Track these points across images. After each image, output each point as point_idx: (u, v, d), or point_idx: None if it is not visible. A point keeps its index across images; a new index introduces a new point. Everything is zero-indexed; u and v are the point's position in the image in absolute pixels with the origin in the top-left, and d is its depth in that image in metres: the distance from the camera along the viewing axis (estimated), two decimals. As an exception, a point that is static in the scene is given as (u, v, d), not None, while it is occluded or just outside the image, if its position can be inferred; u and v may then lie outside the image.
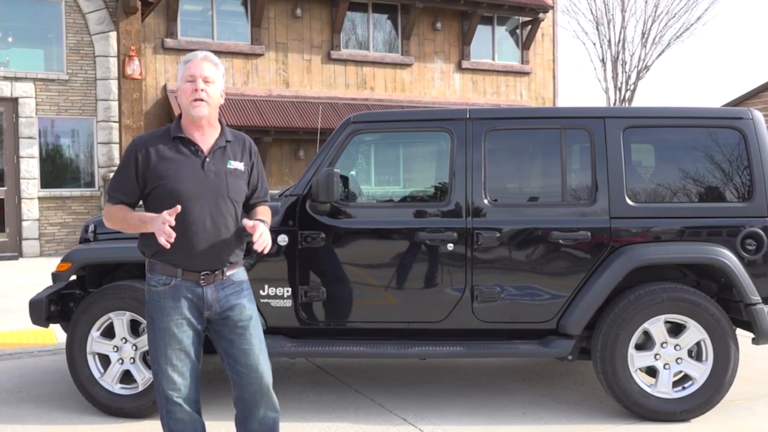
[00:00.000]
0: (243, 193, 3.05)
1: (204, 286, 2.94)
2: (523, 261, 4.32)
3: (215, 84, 2.98)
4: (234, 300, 2.98)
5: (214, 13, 15.21)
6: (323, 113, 14.90)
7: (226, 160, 3.00)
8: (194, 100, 2.91)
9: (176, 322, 2.93)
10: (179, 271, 2.92)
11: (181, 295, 2.92)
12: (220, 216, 2.93)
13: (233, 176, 2.99)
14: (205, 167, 2.94)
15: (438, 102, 16.85)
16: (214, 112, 3.00)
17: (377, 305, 4.38)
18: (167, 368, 2.95)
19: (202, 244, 2.90)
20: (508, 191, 4.60)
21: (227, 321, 2.98)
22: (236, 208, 3.00)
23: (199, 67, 2.95)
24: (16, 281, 9.68)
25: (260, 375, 3.00)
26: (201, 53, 3.02)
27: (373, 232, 4.42)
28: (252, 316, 3.02)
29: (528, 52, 18.24)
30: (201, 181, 2.92)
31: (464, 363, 5.51)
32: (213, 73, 2.97)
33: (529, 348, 4.28)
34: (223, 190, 2.95)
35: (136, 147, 2.97)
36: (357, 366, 5.43)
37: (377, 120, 4.67)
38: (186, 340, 2.95)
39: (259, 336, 3.03)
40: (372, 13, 16.64)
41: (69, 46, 12.88)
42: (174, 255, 2.90)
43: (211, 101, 2.95)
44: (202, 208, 2.90)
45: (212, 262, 2.94)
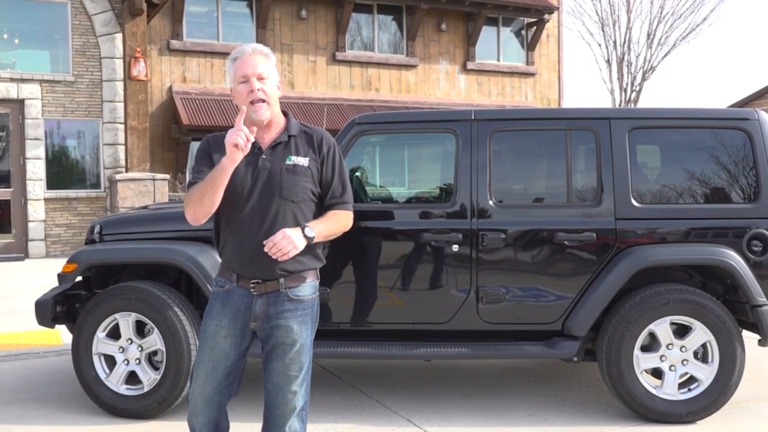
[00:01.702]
0: (305, 191, 2.74)
1: (255, 296, 2.71)
2: (528, 262, 4.31)
3: (270, 79, 2.74)
4: (284, 320, 2.72)
5: (220, 14, 15.23)
6: (328, 114, 14.91)
7: (287, 155, 2.74)
8: (252, 103, 2.69)
9: (217, 328, 2.74)
10: (234, 276, 2.74)
11: (232, 301, 2.74)
12: (271, 218, 2.68)
13: (291, 173, 2.71)
14: (259, 164, 2.71)
15: (443, 103, 16.85)
16: (275, 109, 2.77)
17: (382, 306, 4.38)
18: (196, 370, 2.79)
19: (251, 247, 2.68)
20: (514, 192, 4.59)
21: (271, 338, 2.75)
22: (294, 209, 2.71)
23: (251, 64, 2.71)
24: (22, 282, 9.71)
25: (286, 402, 2.76)
26: (249, 47, 2.77)
27: (378, 233, 4.42)
28: (297, 341, 2.73)
29: (533, 53, 18.23)
30: (252, 180, 2.70)
31: (469, 364, 5.50)
32: (266, 68, 2.74)
33: (534, 349, 4.27)
34: (275, 188, 2.70)
35: (205, 142, 2.85)
36: (362, 367, 5.43)
37: (382, 121, 4.66)
38: (219, 349, 2.74)
39: (300, 363, 2.75)
40: (377, 15, 16.65)
41: (75, 47, 12.92)
42: (230, 258, 2.76)
43: (270, 99, 2.73)
44: (253, 209, 2.70)
45: (264, 269, 2.69)
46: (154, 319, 4.21)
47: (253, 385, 4.99)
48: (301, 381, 2.77)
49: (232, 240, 2.74)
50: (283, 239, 2.59)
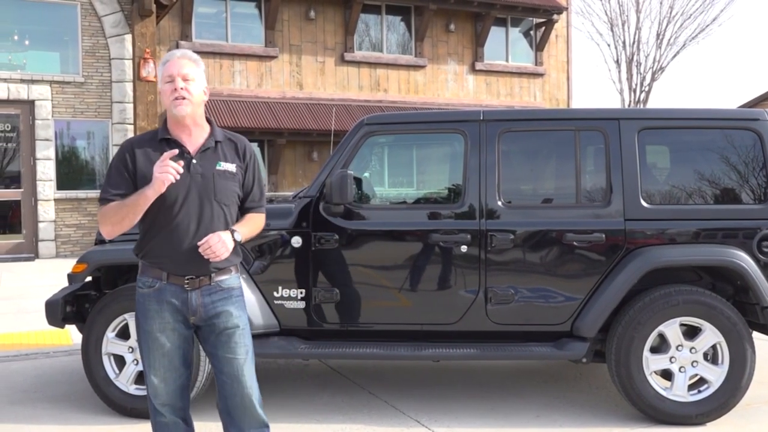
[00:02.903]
0: (233, 195, 2.93)
1: (189, 291, 2.86)
2: (537, 263, 4.30)
3: (195, 81, 2.89)
4: (221, 307, 2.89)
5: (228, 15, 15.27)
6: (337, 115, 14.93)
7: (216, 161, 2.90)
8: (175, 99, 2.84)
9: (159, 326, 2.86)
10: (164, 275, 2.86)
11: (165, 299, 2.85)
12: (206, 219, 2.84)
13: (222, 178, 2.88)
14: (192, 169, 2.84)
15: (451, 104, 16.84)
16: (198, 110, 2.92)
17: (390, 307, 4.38)
18: (150, 372, 2.91)
19: (186, 248, 2.82)
20: (522, 193, 4.58)
21: (213, 328, 2.89)
22: (225, 211, 2.89)
23: (177, 66, 2.87)
24: (32, 282, 9.76)
25: (242, 386, 2.89)
26: (179, 52, 2.95)
27: (387, 234, 4.42)
28: (239, 324, 2.91)
29: (542, 53, 18.19)
30: (186, 183, 2.82)
31: (478, 365, 5.50)
32: (192, 71, 2.89)
33: (543, 350, 4.27)
34: (209, 192, 2.85)
35: (125, 149, 2.92)
36: (370, 368, 5.43)
37: (391, 122, 4.67)
38: (168, 344, 2.87)
39: (246, 345, 2.92)
40: (385, 15, 16.65)
41: (85, 48, 12.98)
42: (160, 258, 2.86)
43: (193, 99, 2.87)
44: (188, 210, 2.83)
45: (198, 266, 2.84)
46: (164, 319, 4.22)
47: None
48: (249, 364, 2.92)
49: (163, 240, 2.84)
50: (218, 243, 2.78)
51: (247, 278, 4.36)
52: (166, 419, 2.96)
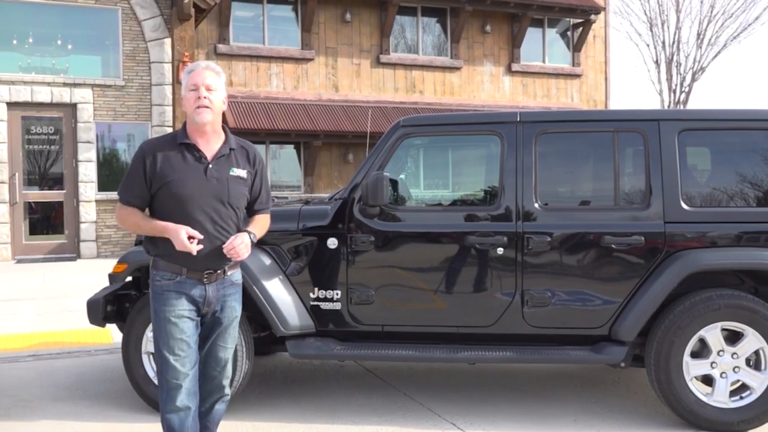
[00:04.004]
0: (244, 199, 3.21)
1: (207, 284, 3.14)
2: (574, 266, 4.26)
3: (217, 92, 3.13)
4: (229, 300, 3.22)
5: (265, 18, 15.41)
6: (372, 117, 14.96)
7: (229, 167, 3.15)
8: (198, 107, 3.07)
9: (178, 314, 3.11)
10: (184, 270, 3.10)
11: (185, 291, 3.11)
12: (221, 220, 3.10)
13: (235, 183, 3.15)
14: (208, 173, 3.10)
15: (487, 105, 16.76)
16: (217, 119, 3.16)
17: (426, 309, 4.38)
18: (170, 358, 3.10)
19: (203, 247, 3.05)
20: (559, 195, 4.55)
21: (217, 319, 3.21)
22: (237, 213, 3.17)
23: (201, 76, 3.10)
24: (74, 282, 9.95)
25: (223, 371, 3.27)
26: (203, 63, 3.18)
27: (423, 236, 4.42)
28: (236, 317, 3.28)
29: (579, 54, 18.02)
30: (203, 186, 3.08)
31: (514, 368, 5.46)
32: (215, 81, 3.13)
33: (580, 354, 4.22)
34: (224, 195, 3.11)
35: (144, 151, 3.15)
36: (406, 369, 5.43)
37: (427, 123, 4.67)
38: (187, 330, 3.13)
39: (234, 337, 3.31)
40: (421, 17, 16.65)
41: (125, 52, 13.20)
42: (178, 256, 3.08)
43: (214, 108, 3.11)
44: (204, 212, 3.07)
45: (214, 263, 3.13)
46: (202, 319, 4.27)
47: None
48: (231, 352, 3.33)
49: None
50: (241, 244, 3.07)
51: (284, 279, 4.39)
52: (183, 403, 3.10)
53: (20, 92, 12.40)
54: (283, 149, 15.64)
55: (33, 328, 6.98)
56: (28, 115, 12.60)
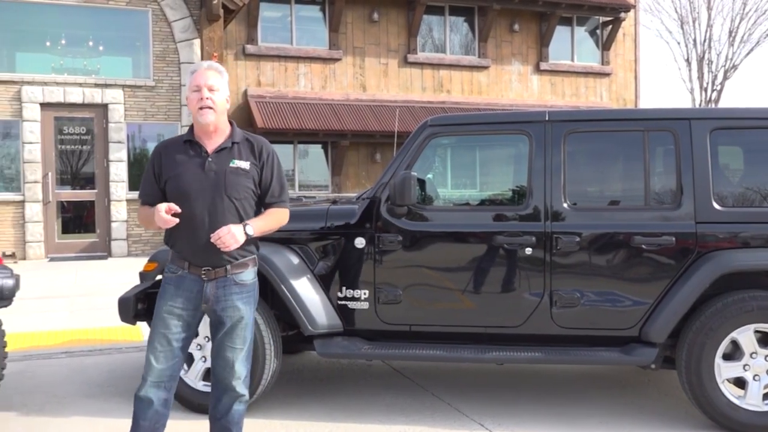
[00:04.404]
0: (246, 190, 3.14)
1: (206, 281, 3.12)
2: (603, 266, 4.22)
3: (219, 91, 3.14)
4: (231, 301, 3.15)
5: (293, 19, 15.48)
6: (400, 117, 14.96)
7: (230, 159, 3.13)
8: (200, 108, 3.10)
9: (169, 309, 3.14)
10: (186, 264, 3.14)
11: (184, 285, 3.13)
12: (218, 214, 3.07)
13: (234, 174, 3.11)
14: (206, 166, 3.11)
15: (515, 104, 16.67)
16: (221, 118, 3.17)
17: (454, 309, 4.37)
18: (148, 350, 3.16)
19: (201, 239, 3.08)
20: (589, 195, 4.51)
21: (221, 318, 3.16)
22: (237, 205, 3.11)
23: (204, 77, 3.13)
24: (105, 280, 10.09)
25: (233, 372, 3.17)
26: (206, 63, 3.21)
27: (450, 236, 4.41)
28: (243, 318, 3.17)
29: (608, 52, 17.84)
30: (201, 180, 3.10)
31: (542, 369, 5.43)
32: (217, 82, 3.14)
33: (610, 355, 4.18)
34: (221, 188, 3.08)
35: (155, 153, 3.26)
36: (433, 369, 5.43)
37: (454, 123, 4.66)
38: (173, 326, 3.13)
39: (245, 338, 3.19)
40: (448, 16, 16.61)
41: (155, 53, 13.35)
42: (182, 249, 3.15)
43: (216, 107, 3.12)
44: (203, 205, 3.08)
45: (213, 258, 3.10)
46: (230, 317, 4.30)
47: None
48: (245, 353, 3.21)
49: (184, 233, 3.11)
50: (227, 234, 3.01)
51: (312, 278, 4.41)
52: (145, 394, 3.15)
53: (53, 93, 12.60)
54: (311, 149, 15.70)
55: (66, 325, 7.09)
56: (60, 116, 12.80)
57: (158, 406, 3.18)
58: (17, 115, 12.48)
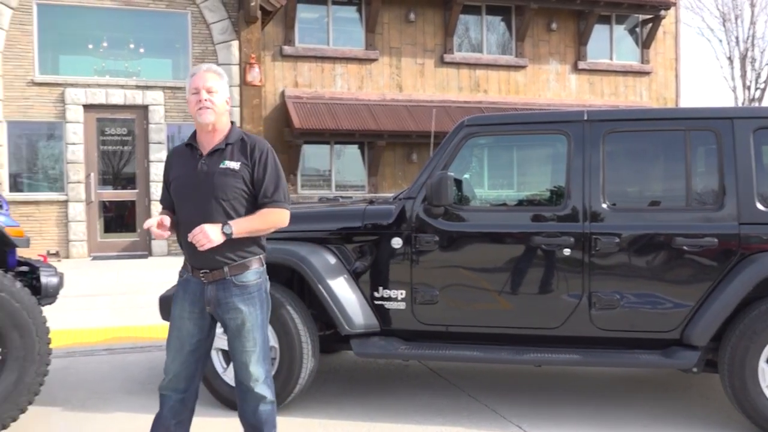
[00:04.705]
0: (235, 191, 3.08)
1: (206, 284, 3.12)
2: (643, 268, 4.17)
3: (218, 93, 3.14)
4: (232, 302, 3.10)
5: (330, 20, 15.54)
6: (436, 117, 14.92)
7: (222, 160, 3.11)
8: (199, 109, 3.11)
9: (180, 312, 3.18)
10: (190, 267, 3.17)
11: (190, 288, 3.16)
12: (208, 215, 3.05)
13: (223, 175, 3.08)
14: (199, 168, 3.12)
15: (553, 104, 16.52)
16: (220, 119, 3.16)
17: (491, 310, 4.35)
18: (166, 350, 3.23)
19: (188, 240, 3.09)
20: (628, 195, 4.45)
21: (225, 321, 3.15)
22: (226, 206, 3.07)
23: (203, 79, 3.14)
24: (146, 279, 10.24)
25: (250, 374, 3.14)
26: (205, 66, 3.22)
27: (487, 236, 4.39)
28: (247, 320, 3.11)
29: (648, 51, 17.58)
30: (193, 182, 3.12)
31: (581, 372, 5.37)
32: (216, 84, 3.14)
33: (650, 358, 4.13)
34: (210, 188, 3.07)
35: (167, 156, 3.34)
36: (470, 370, 5.41)
37: (491, 123, 4.64)
38: (184, 330, 3.17)
39: (254, 339, 3.14)
40: (485, 16, 16.52)
41: (194, 55, 13.51)
42: (185, 252, 3.19)
43: (215, 108, 3.12)
44: (195, 207, 3.09)
45: (208, 260, 3.08)
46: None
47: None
48: (258, 355, 3.15)
49: (183, 236, 3.13)
50: (199, 233, 2.97)
51: (348, 278, 4.42)
52: (163, 391, 3.25)
53: (95, 95, 12.84)
54: (348, 149, 15.75)
55: (108, 323, 7.22)
56: (102, 117, 13.03)
57: (175, 403, 3.25)
58: (61, 117, 12.74)
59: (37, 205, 12.64)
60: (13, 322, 3.95)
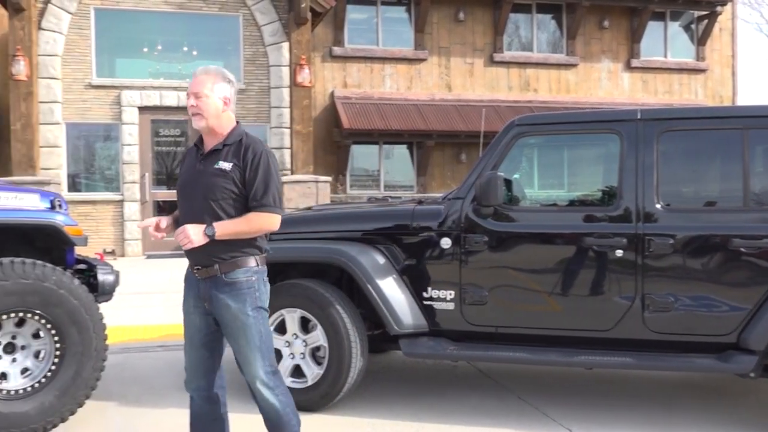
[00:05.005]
0: (223, 192, 3.07)
1: (200, 280, 3.17)
2: (699, 270, 4.07)
3: (209, 97, 3.12)
4: (222, 299, 3.11)
5: (379, 20, 15.58)
6: (486, 116, 14.83)
7: (216, 161, 3.12)
8: (192, 115, 3.15)
9: (187, 307, 3.28)
10: (190, 263, 3.23)
11: (191, 285, 3.24)
12: (198, 214, 3.09)
13: (214, 176, 3.09)
14: (196, 168, 3.17)
15: (605, 103, 16.26)
16: (215, 121, 3.15)
17: (541, 311, 4.31)
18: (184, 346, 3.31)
19: None
20: (683, 195, 4.36)
21: (217, 317, 3.18)
22: (215, 207, 3.07)
23: (194, 84, 3.14)
24: (197, 277, 10.41)
25: (246, 372, 3.18)
26: (201, 69, 3.21)
27: (537, 237, 4.35)
28: (235, 317, 3.10)
29: (704, 48, 17.17)
30: (190, 181, 3.19)
31: (633, 375, 5.28)
32: (204, 87, 3.12)
33: (705, 363, 4.03)
34: (201, 189, 3.11)
35: (181, 157, 3.29)
36: (519, 371, 5.36)
37: (542, 122, 4.60)
38: (192, 325, 3.26)
39: (246, 337, 3.11)
40: (536, 14, 16.36)
41: (246, 57, 13.70)
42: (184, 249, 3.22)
43: (206, 113, 3.12)
44: (190, 206, 3.15)
45: (200, 257, 3.13)
46: (318, 315, 4.38)
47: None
48: (254, 353, 3.12)
49: None
50: (181, 233, 3.02)
51: (397, 278, 4.43)
52: (186, 387, 3.35)
53: (150, 97, 13.13)
54: (396, 149, 15.77)
55: (162, 320, 7.37)
56: (156, 119, 13.32)
57: (198, 400, 3.34)
58: (117, 119, 13.06)
59: (93, 205, 12.98)
60: (71, 319, 4.07)
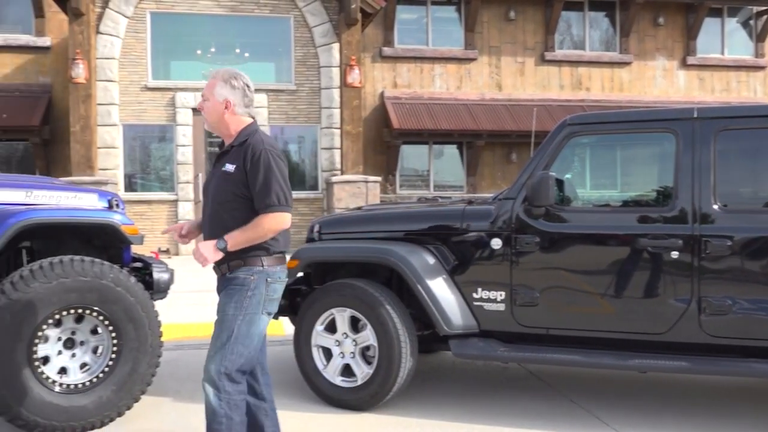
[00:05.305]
0: (228, 194, 3.09)
1: (218, 277, 3.26)
2: (758, 272, 3.96)
3: (209, 100, 3.16)
4: (223, 294, 3.20)
5: (429, 20, 15.57)
6: (537, 116, 14.69)
7: (225, 163, 3.15)
8: None
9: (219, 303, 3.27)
10: None
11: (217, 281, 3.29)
12: (208, 218, 3.21)
13: (220, 179, 3.14)
14: (213, 171, 3.25)
15: (660, 101, 15.95)
16: (216, 124, 3.19)
17: (593, 313, 4.24)
18: None
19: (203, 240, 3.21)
20: (741, 196, 4.24)
21: None
22: (220, 210, 3.13)
23: (205, 87, 3.22)
24: (249, 276, 10.55)
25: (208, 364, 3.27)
26: (213, 71, 3.29)
27: (590, 238, 4.29)
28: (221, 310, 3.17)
29: (763, 44, 16.70)
30: (206, 185, 3.27)
31: (689, 380, 5.17)
32: (206, 90, 3.18)
33: (764, 368, 3.92)
34: (210, 192, 3.19)
35: None
36: (570, 374, 5.30)
37: (595, 122, 4.53)
38: None
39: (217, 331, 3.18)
40: (588, 12, 16.15)
41: (297, 58, 13.85)
42: None
43: (207, 115, 3.19)
44: (205, 210, 3.26)
45: None
46: (367, 315, 4.40)
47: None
48: (217, 348, 3.17)
49: None
50: (196, 253, 3.06)
51: (447, 278, 4.42)
52: None
53: (203, 99, 13.37)
54: (446, 149, 15.74)
55: (215, 318, 7.47)
56: (209, 120, 13.56)
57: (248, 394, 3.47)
58: (171, 120, 13.34)
59: (149, 204, 13.28)
60: (128, 316, 4.17)
